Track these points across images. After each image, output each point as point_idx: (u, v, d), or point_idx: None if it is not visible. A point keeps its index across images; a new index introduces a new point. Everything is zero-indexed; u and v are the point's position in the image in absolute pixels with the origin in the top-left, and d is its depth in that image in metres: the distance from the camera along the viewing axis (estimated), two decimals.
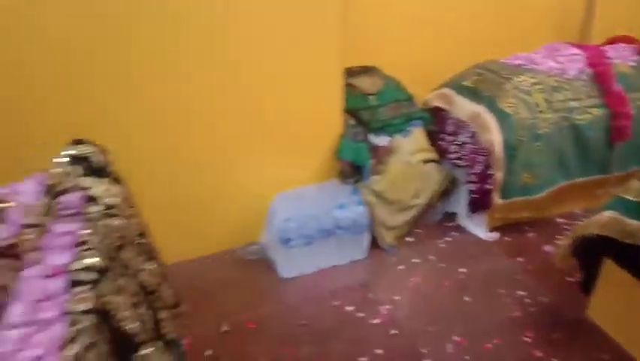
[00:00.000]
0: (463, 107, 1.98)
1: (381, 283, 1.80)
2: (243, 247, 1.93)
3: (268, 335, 1.59)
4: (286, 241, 1.76)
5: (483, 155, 1.87)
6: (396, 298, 1.72)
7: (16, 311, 0.71)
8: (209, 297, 1.73)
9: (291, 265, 1.82)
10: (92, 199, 0.94)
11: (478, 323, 1.60)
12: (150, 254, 1.09)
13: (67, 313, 0.72)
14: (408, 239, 2.00)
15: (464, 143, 1.93)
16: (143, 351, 0.82)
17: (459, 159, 1.94)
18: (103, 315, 0.75)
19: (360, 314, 1.67)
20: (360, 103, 1.94)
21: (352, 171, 1.91)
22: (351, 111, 1.93)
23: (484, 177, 1.88)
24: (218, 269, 1.87)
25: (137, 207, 1.09)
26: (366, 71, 1.99)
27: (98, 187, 0.95)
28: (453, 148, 1.96)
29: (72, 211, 0.90)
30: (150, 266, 1.06)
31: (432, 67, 2.18)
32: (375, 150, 1.91)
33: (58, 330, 0.69)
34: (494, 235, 1.99)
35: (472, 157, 1.89)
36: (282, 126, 1.80)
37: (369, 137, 1.92)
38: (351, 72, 1.96)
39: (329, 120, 1.88)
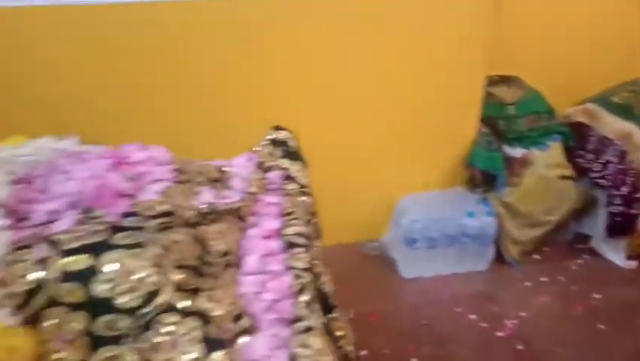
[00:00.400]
0: (611, 125, 1.95)
1: (506, 296, 1.83)
2: (364, 243, 2.07)
3: (389, 330, 1.71)
4: (411, 242, 1.87)
5: (631, 176, 1.82)
6: (523, 314, 1.75)
7: (251, 261, 0.89)
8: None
9: (412, 266, 1.92)
10: (288, 178, 1.12)
11: (613, 353, 1.58)
12: (318, 233, 1.26)
13: (289, 268, 0.89)
14: (535, 256, 2.01)
15: (609, 162, 1.90)
16: (334, 314, 0.98)
17: (601, 178, 1.91)
18: (314, 275, 0.91)
19: (484, 324, 1.72)
20: (498, 112, 1.99)
21: (482, 179, 1.96)
22: (486, 119, 1.99)
23: (631, 200, 1.83)
24: (340, 260, 2.02)
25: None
26: (506, 80, 2.04)
27: (294, 168, 1.14)
28: (595, 167, 1.93)
29: (275, 186, 1.09)
30: (319, 244, 1.23)
31: (577, 80, 2.16)
32: (508, 160, 1.95)
33: (287, 280, 0.87)
34: (633, 263, 1.93)
35: (618, 178, 1.85)
36: (416, 128, 1.92)
37: (504, 147, 1.97)
38: (491, 80, 2.02)
39: (463, 126, 1.96)
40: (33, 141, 0.86)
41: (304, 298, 0.83)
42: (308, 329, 0.77)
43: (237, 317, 0.77)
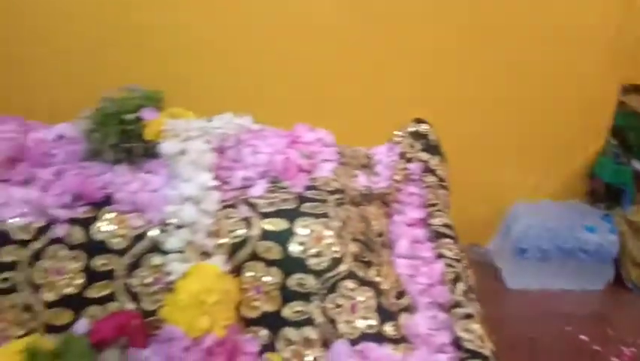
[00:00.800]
0: None
1: (624, 321, 1.78)
2: (468, 247, 2.09)
3: (491, 338, 1.72)
4: (521, 252, 1.87)
5: None
6: None
7: (403, 245, 0.98)
8: None
9: (519, 276, 1.92)
10: (428, 170, 1.19)
11: None
12: None
13: (440, 256, 0.96)
14: None
15: None
16: None
17: None
18: (463, 266, 0.98)
19: (597, 347, 1.69)
20: (628, 123, 1.92)
21: (605, 193, 1.91)
22: (615, 130, 1.93)
23: None
24: None
25: None
26: None
27: (433, 161, 1.20)
28: None
29: (416, 177, 1.17)
30: None
31: None
32: (637, 176, 1.88)
33: (439, 268, 0.94)
34: None
35: None
36: (539, 132, 1.90)
37: (633, 162, 1.89)
38: (624, 88, 1.94)
39: (591, 135, 1.91)
40: (219, 116, 1.00)
41: (461, 286, 0.90)
42: (467, 316, 0.84)
43: (400, 294, 0.85)
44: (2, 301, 0.79)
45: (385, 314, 0.80)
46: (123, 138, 0.87)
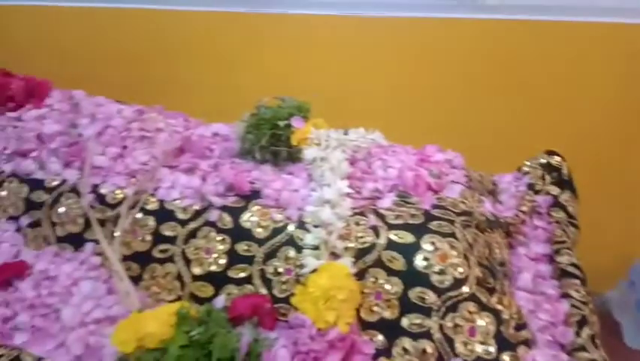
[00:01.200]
0: None
1: None
2: None
3: None
4: None
5: None
6: None
7: (525, 279, 0.96)
8: None
9: None
10: (557, 205, 1.14)
11: None
12: None
13: (565, 296, 0.93)
14: None
15: None
16: None
17: None
18: (590, 310, 0.92)
19: None
20: None
21: None
22: None
23: None
24: None
25: None
26: None
27: (563, 196, 1.15)
28: None
29: (543, 211, 1.13)
30: None
31: None
32: None
33: (563, 307, 0.90)
34: None
35: None
36: None
37: None
38: None
39: None
40: (354, 130, 1.07)
41: (587, 330, 0.86)
42: None
43: (520, 326, 0.84)
44: (159, 269, 0.93)
45: (504, 343, 0.79)
46: (273, 141, 0.98)
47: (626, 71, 1.66)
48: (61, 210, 0.99)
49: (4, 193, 1.05)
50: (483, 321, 0.80)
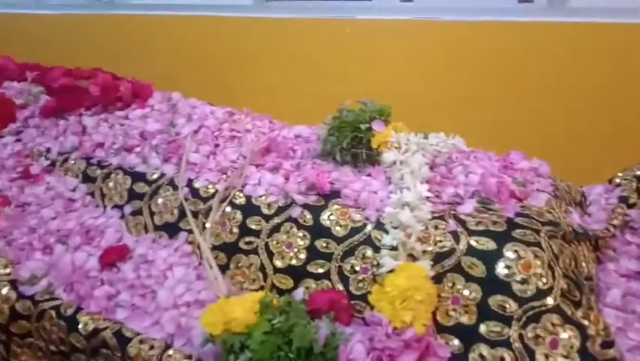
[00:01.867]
0: None
1: None
2: None
3: None
4: None
5: None
6: None
7: (614, 295, 0.91)
8: None
9: None
10: None
11: None
12: None
13: None
14: None
15: None
16: None
17: None
18: None
19: None
20: None
21: None
22: None
23: None
24: None
25: None
26: None
27: None
28: None
29: (637, 225, 1.06)
30: None
31: None
32: None
33: None
34: None
35: None
36: None
37: None
38: None
39: None
40: (434, 135, 1.08)
41: None
42: None
43: (607, 344, 0.80)
44: (244, 259, 1.00)
45: (589, 359, 0.76)
46: (353, 143, 1.03)
47: None
48: (160, 201, 1.10)
49: (111, 184, 1.19)
50: (566, 334, 0.77)
